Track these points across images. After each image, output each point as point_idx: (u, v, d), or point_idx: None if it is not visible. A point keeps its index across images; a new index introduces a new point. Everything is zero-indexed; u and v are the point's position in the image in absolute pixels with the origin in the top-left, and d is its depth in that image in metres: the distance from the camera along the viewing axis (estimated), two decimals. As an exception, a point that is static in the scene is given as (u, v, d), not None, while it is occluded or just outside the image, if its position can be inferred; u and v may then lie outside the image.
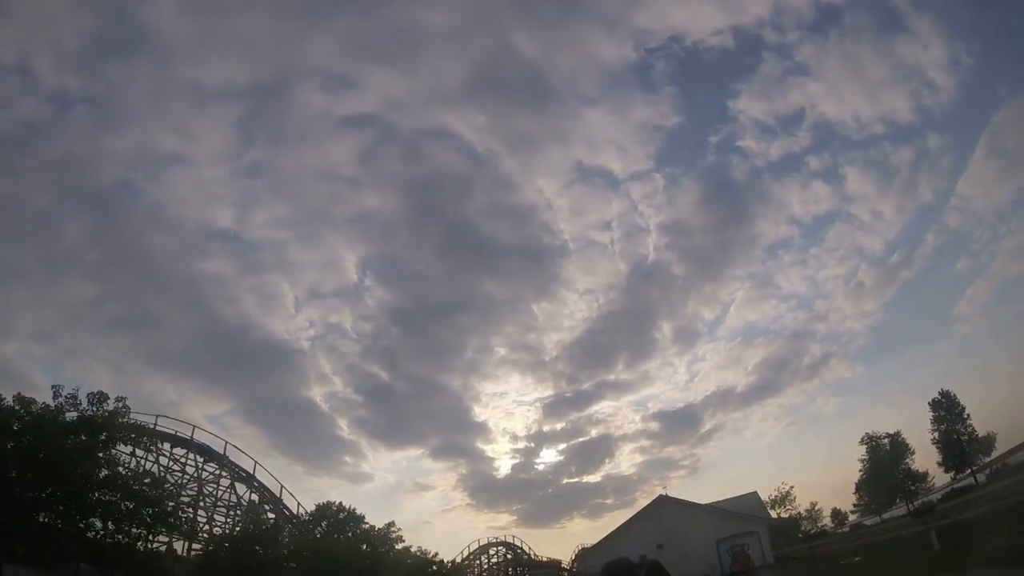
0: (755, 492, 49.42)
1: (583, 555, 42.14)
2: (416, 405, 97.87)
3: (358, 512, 44.86)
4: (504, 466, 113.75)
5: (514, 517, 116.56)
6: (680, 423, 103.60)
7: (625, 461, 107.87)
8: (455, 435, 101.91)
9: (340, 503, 46.91)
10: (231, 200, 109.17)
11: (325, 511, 45.17)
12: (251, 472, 41.53)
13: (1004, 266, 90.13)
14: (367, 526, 41.21)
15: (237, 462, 41.46)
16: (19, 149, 74.35)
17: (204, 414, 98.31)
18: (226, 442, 41.29)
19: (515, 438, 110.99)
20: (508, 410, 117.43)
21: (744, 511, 42.70)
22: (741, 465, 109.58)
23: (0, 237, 70.77)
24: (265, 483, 42.84)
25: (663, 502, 43.07)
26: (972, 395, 72.17)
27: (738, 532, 39.29)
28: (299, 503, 43.47)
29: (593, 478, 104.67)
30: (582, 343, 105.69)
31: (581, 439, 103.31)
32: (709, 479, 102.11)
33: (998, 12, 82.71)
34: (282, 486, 43.22)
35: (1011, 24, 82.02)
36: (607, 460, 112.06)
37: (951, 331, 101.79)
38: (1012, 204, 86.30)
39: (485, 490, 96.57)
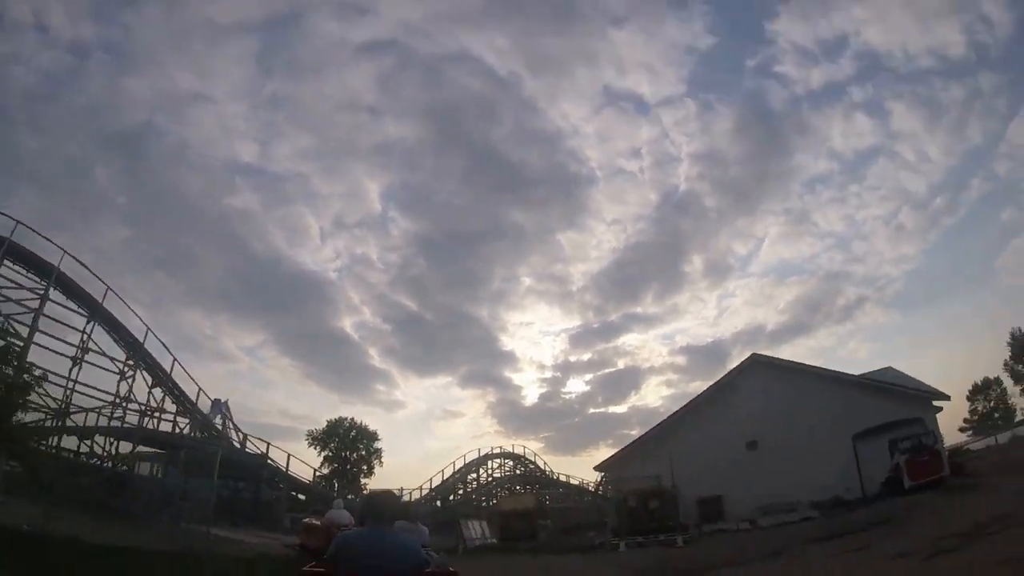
0: (889, 367, 30.69)
1: (611, 464, 25.86)
2: (445, 334, 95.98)
3: (370, 429, 45.80)
4: (532, 394, 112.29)
5: (541, 444, 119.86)
6: (707, 358, 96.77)
7: (651, 393, 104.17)
8: (483, 363, 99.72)
9: (351, 419, 46.28)
10: (254, 135, 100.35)
11: (337, 427, 45.08)
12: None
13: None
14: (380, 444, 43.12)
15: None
16: (44, 101, 75.75)
17: (239, 345, 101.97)
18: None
19: (542, 367, 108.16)
20: (535, 340, 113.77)
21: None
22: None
23: (35, 188, 73.77)
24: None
25: (755, 368, 25.36)
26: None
27: (892, 420, 21.72)
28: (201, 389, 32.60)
29: (619, 409, 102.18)
30: (609, 274, 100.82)
31: (607, 370, 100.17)
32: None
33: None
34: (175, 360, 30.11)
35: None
36: (633, 392, 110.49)
37: (992, 283, 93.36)
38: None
39: (513, 417, 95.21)
